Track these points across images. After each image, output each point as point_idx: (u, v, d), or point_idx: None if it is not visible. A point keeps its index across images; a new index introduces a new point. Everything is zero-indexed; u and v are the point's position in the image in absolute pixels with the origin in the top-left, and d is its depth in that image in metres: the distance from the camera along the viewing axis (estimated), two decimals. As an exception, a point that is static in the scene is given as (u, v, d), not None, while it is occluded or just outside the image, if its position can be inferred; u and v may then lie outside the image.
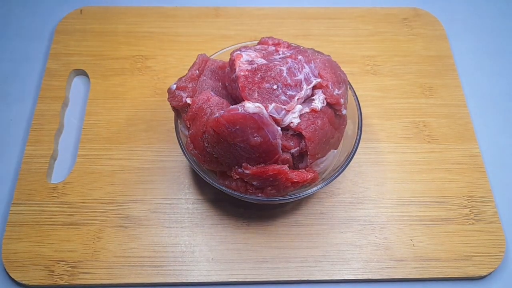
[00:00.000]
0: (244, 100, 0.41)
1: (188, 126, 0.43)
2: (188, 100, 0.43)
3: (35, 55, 0.58)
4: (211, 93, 0.43)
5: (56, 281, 0.45)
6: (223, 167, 0.43)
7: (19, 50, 0.59)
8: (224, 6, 0.61)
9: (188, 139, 0.43)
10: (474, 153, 0.52)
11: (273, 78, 0.41)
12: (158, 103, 0.54)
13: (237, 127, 0.39)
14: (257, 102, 0.40)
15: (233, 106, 0.40)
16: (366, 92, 0.55)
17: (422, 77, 0.57)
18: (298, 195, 0.43)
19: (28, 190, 0.49)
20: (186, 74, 0.45)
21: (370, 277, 0.45)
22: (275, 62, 0.42)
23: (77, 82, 0.57)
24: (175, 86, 0.44)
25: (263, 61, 0.43)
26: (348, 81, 0.46)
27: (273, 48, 0.45)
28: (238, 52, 0.43)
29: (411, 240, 0.47)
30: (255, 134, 0.39)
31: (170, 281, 0.45)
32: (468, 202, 0.49)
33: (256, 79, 0.41)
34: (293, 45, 0.46)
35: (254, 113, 0.39)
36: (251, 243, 0.47)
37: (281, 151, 0.41)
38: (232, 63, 0.43)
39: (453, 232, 0.48)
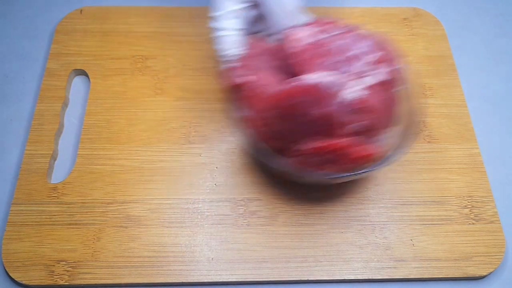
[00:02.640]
0: (303, 74, 0.39)
1: (244, 105, 0.42)
2: (248, 79, 0.43)
3: (35, 55, 0.58)
4: (266, 71, 0.42)
5: (56, 281, 0.45)
6: (282, 143, 0.42)
7: (19, 50, 0.59)
8: (224, 6, 0.61)
9: (245, 117, 0.42)
10: (474, 153, 0.52)
11: (332, 52, 0.40)
12: (158, 103, 0.54)
13: (298, 100, 0.37)
14: (319, 75, 0.38)
15: (293, 79, 0.38)
16: (366, 92, 0.55)
17: (422, 77, 0.57)
18: (357, 173, 0.42)
19: (28, 190, 0.49)
20: (240, 54, 0.44)
21: (370, 277, 0.45)
22: (333, 37, 0.41)
23: (77, 82, 0.57)
24: (229, 66, 0.44)
25: (321, 36, 0.42)
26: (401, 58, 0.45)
27: (327, 26, 0.44)
28: (294, 29, 0.42)
29: (411, 240, 0.47)
30: (317, 107, 0.38)
31: (170, 281, 0.45)
32: (468, 202, 0.49)
33: (315, 53, 0.40)
34: (344, 24, 0.45)
35: (316, 86, 0.37)
36: (251, 243, 0.47)
37: (344, 125, 0.39)
38: (288, 39, 0.42)
39: (453, 232, 0.48)
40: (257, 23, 0.50)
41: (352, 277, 0.45)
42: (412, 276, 0.46)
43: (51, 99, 0.54)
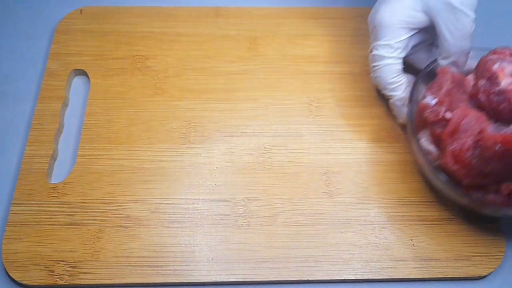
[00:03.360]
0: None
1: (447, 141, 0.43)
2: (448, 115, 0.44)
3: (35, 55, 0.58)
4: (468, 107, 0.43)
5: (56, 281, 0.45)
6: (488, 182, 0.43)
7: (19, 50, 0.58)
8: (224, 6, 0.61)
9: (449, 154, 0.43)
10: (474, 153, 0.52)
11: None
12: (158, 103, 0.54)
13: None
14: None
15: None
16: (366, 92, 0.55)
17: (422, 77, 0.57)
18: None
19: (28, 190, 0.49)
20: (439, 87, 0.45)
21: (370, 277, 0.45)
22: None
23: (77, 82, 0.57)
24: (434, 101, 0.44)
25: None
26: None
27: None
28: (499, 64, 0.43)
29: (411, 240, 0.47)
30: None
31: (170, 281, 0.45)
32: (468, 202, 0.49)
33: None
34: None
35: None
36: (251, 243, 0.47)
37: None
38: (494, 75, 0.43)
39: (453, 232, 0.48)
40: (419, 49, 0.51)
41: (352, 277, 0.45)
42: (412, 276, 0.46)
43: (51, 99, 0.54)
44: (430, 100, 0.45)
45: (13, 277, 0.45)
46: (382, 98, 0.55)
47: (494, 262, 0.46)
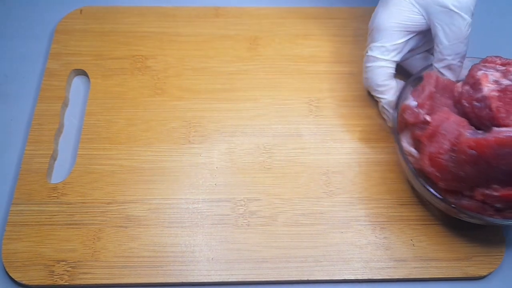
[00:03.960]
0: (496, 122, 0.41)
1: (425, 144, 0.43)
2: (428, 118, 0.44)
3: (35, 55, 0.58)
4: (450, 111, 0.43)
5: (56, 281, 0.45)
6: (463, 187, 0.43)
7: (19, 50, 0.58)
8: (224, 6, 0.61)
9: (426, 157, 0.43)
10: (474, 153, 0.52)
11: None
12: (158, 103, 0.54)
13: (506, 149, 0.38)
14: None
15: (503, 129, 0.39)
16: (366, 92, 0.55)
17: None
18: None
19: (28, 190, 0.49)
20: (422, 90, 0.45)
21: (370, 277, 0.45)
22: None
23: (77, 82, 0.57)
24: (415, 103, 0.45)
25: (508, 82, 0.42)
26: None
27: (503, 68, 0.44)
28: (483, 71, 0.43)
29: (411, 240, 0.47)
30: None
31: (170, 281, 0.45)
32: (468, 202, 0.49)
33: (508, 100, 0.41)
34: None
35: None
36: (251, 243, 0.47)
37: None
38: (477, 82, 0.43)
39: (453, 232, 0.48)
40: (415, 55, 0.52)
41: (352, 277, 0.45)
42: (412, 276, 0.46)
43: (51, 99, 0.54)
44: (411, 102, 0.45)
45: (13, 277, 0.45)
46: (382, 98, 0.55)
47: (494, 262, 0.46)
